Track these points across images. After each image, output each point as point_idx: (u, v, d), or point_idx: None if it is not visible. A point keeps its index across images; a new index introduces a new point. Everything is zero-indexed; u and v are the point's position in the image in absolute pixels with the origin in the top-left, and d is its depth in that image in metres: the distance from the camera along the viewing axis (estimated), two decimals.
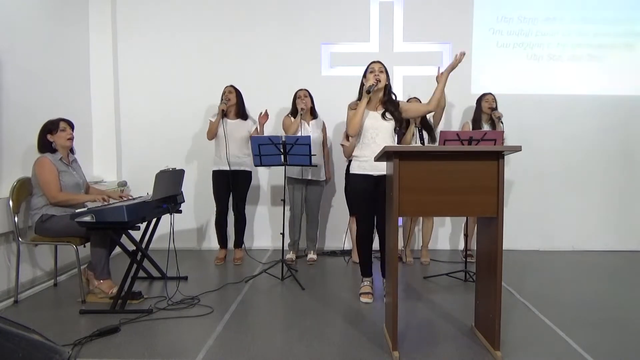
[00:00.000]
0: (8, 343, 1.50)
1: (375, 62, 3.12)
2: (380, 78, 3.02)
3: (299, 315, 2.90)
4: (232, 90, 4.09)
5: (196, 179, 4.74)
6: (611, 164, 4.73)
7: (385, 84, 3.08)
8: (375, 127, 3.08)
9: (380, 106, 3.13)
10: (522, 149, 2.28)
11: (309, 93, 4.17)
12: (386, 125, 3.09)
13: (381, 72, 3.07)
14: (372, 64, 3.12)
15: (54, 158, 3.14)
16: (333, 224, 4.77)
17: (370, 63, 3.13)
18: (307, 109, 4.09)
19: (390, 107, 3.11)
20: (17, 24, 3.46)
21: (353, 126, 3.05)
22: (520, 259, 4.31)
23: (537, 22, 4.69)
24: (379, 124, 3.08)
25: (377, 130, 3.08)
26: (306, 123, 4.13)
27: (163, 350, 2.38)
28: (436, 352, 2.36)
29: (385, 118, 3.09)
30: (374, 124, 3.09)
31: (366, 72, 3.12)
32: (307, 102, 4.10)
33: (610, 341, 2.51)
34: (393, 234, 2.36)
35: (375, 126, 3.08)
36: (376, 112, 3.12)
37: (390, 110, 3.10)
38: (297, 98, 4.10)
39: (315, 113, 4.24)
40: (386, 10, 4.69)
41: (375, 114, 3.11)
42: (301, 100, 4.04)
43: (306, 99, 4.09)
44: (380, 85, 3.04)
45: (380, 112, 3.11)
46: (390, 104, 3.12)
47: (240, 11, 4.68)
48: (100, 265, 3.11)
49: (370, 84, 2.98)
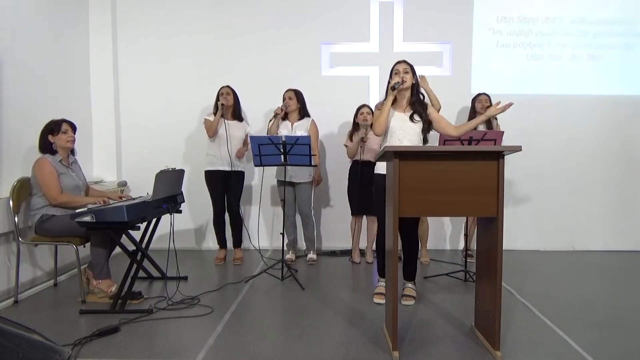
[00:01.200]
0: (8, 343, 1.50)
1: (400, 63, 3.03)
2: (405, 78, 2.95)
3: (299, 315, 2.90)
4: (229, 92, 4.07)
5: (196, 179, 4.72)
6: (611, 164, 4.73)
7: (412, 84, 3.00)
8: (402, 129, 2.99)
9: (408, 107, 3.04)
10: (522, 149, 2.27)
11: (296, 94, 4.07)
12: (413, 127, 3.00)
13: (406, 72, 2.98)
14: (396, 65, 3.03)
15: (53, 160, 3.14)
16: (333, 224, 4.76)
17: (395, 64, 3.04)
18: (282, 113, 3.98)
19: (418, 108, 3.01)
20: (17, 24, 3.46)
21: (378, 125, 2.96)
22: (520, 259, 4.31)
23: (537, 22, 4.69)
24: (406, 125, 2.99)
25: (404, 132, 2.99)
26: (290, 124, 4.09)
27: (163, 350, 2.38)
28: (436, 352, 2.36)
29: (413, 120, 3.00)
30: (401, 126, 3.00)
31: (391, 74, 3.03)
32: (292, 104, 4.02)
33: (610, 341, 2.51)
34: (393, 234, 2.36)
35: (402, 128, 2.99)
36: (404, 113, 3.03)
37: (418, 111, 3.01)
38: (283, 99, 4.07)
39: (305, 113, 4.14)
40: (386, 10, 4.69)
41: (402, 115, 3.02)
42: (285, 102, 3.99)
43: (291, 101, 4.03)
44: (405, 86, 2.96)
45: (409, 113, 3.02)
46: (419, 105, 3.03)
47: (240, 12, 4.68)
48: (99, 265, 3.11)
49: (396, 81, 2.90)
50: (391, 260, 2.42)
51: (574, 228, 4.73)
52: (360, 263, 4.21)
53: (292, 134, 3.99)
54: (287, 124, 4.09)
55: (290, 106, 4.04)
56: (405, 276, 3.22)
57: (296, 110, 4.10)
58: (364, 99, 4.45)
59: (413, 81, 3.02)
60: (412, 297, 3.12)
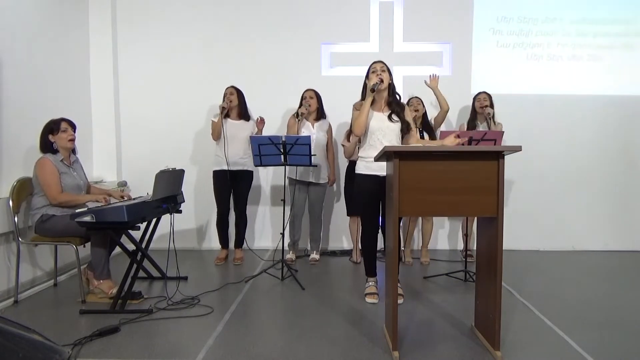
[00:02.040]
0: (8, 343, 1.50)
1: (377, 62, 3.08)
2: (383, 77, 2.98)
3: (299, 315, 2.90)
4: (233, 92, 4.07)
5: (196, 179, 4.74)
6: (611, 164, 4.73)
7: (389, 84, 3.04)
8: (381, 129, 3.03)
9: (386, 107, 3.08)
10: (522, 149, 2.28)
11: (316, 94, 4.13)
12: (392, 127, 3.04)
13: (383, 71, 3.03)
14: (373, 64, 3.08)
15: (54, 159, 3.14)
16: (334, 225, 4.77)
17: (372, 63, 3.09)
18: (308, 112, 4.05)
19: (396, 108, 3.06)
20: (17, 24, 3.46)
21: (358, 126, 3.00)
22: (520, 259, 4.31)
23: (537, 22, 4.69)
24: (385, 125, 3.04)
25: (383, 132, 3.03)
26: (310, 124, 4.12)
27: (163, 350, 2.38)
28: (436, 352, 2.36)
29: (391, 120, 3.04)
30: (380, 126, 3.03)
31: (368, 73, 3.07)
32: (313, 104, 4.07)
33: (610, 341, 2.51)
34: (393, 234, 2.36)
35: (381, 127, 3.03)
36: (382, 113, 3.07)
37: (396, 111, 3.06)
38: (302, 99, 4.09)
39: (323, 114, 4.20)
40: (386, 10, 4.69)
41: (381, 115, 3.06)
42: (306, 102, 4.03)
43: (312, 100, 4.07)
44: (383, 86, 3.00)
45: (387, 113, 3.06)
46: (396, 105, 3.07)
47: (240, 12, 4.68)
48: (100, 265, 3.11)
49: (374, 82, 2.93)
50: (391, 260, 2.42)
51: (574, 228, 4.73)
52: (361, 263, 4.21)
53: (313, 133, 4.04)
54: (307, 125, 4.10)
55: (312, 106, 4.06)
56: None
57: (315, 111, 4.12)
58: None
59: (390, 81, 3.06)
60: (401, 295, 3.13)
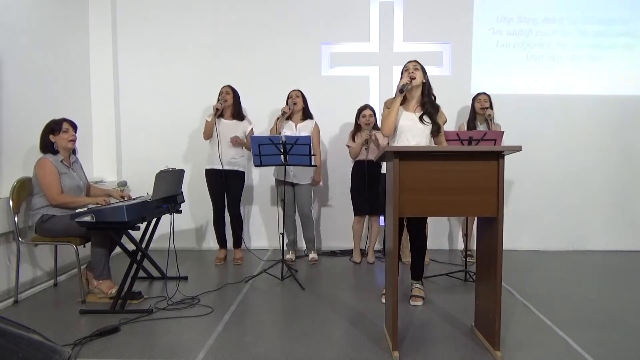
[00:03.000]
0: (8, 343, 1.50)
1: (411, 61, 2.98)
2: (414, 76, 2.89)
3: (299, 315, 2.90)
4: (229, 91, 4.07)
5: (196, 179, 4.73)
6: (611, 164, 4.73)
7: (422, 82, 2.95)
8: (411, 130, 2.94)
9: (419, 108, 2.99)
10: (522, 149, 2.28)
11: (302, 93, 4.12)
12: (422, 128, 2.94)
13: (416, 69, 2.93)
14: (407, 63, 2.97)
15: (55, 160, 3.14)
16: (334, 225, 4.76)
17: (407, 63, 2.98)
18: (292, 112, 4.03)
19: (430, 109, 2.95)
20: (17, 24, 3.46)
21: (386, 126, 2.92)
22: (520, 259, 4.31)
23: (537, 22, 4.69)
24: (415, 126, 2.94)
25: (412, 133, 2.94)
26: (293, 125, 4.09)
27: (163, 350, 2.38)
28: (436, 352, 2.36)
29: (423, 121, 2.94)
30: (410, 126, 2.94)
31: (402, 72, 2.98)
32: (299, 103, 4.06)
33: (610, 341, 2.51)
34: (393, 234, 2.36)
35: (411, 128, 2.94)
36: (414, 113, 2.98)
37: (429, 112, 2.94)
38: (288, 98, 4.08)
39: (309, 115, 4.17)
40: (386, 10, 4.69)
41: (411, 115, 2.97)
42: (291, 100, 4.02)
43: (297, 99, 4.06)
44: (415, 83, 2.91)
45: (419, 114, 2.96)
46: (430, 106, 2.96)
47: (240, 11, 4.68)
48: (100, 265, 3.11)
49: (404, 82, 2.86)
50: (391, 260, 2.42)
51: (574, 228, 4.73)
52: (361, 263, 4.21)
53: (295, 134, 4.00)
54: (290, 125, 4.09)
55: (297, 105, 4.05)
56: (412, 276, 3.19)
57: (301, 111, 4.11)
58: (364, 99, 4.45)
59: (423, 80, 2.97)
60: (421, 298, 3.08)
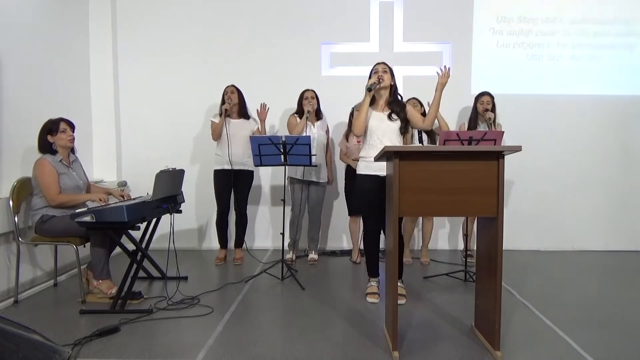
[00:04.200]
0: (8, 343, 1.50)
1: (379, 63, 3.12)
2: (382, 77, 3.02)
3: (299, 315, 2.90)
4: (234, 91, 4.09)
5: (196, 179, 4.74)
6: (611, 164, 4.73)
7: (390, 84, 3.08)
8: (381, 128, 3.07)
9: (387, 107, 3.13)
10: (522, 149, 2.28)
11: (316, 94, 4.16)
12: (392, 126, 3.08)
13: (384, 72, 3.06)
14: (376, 65, 3.11)
15: (53, 160, 3.13)
16: (334, 224, 4.77)
17: (375, 64, 3.12)
18: (313, 111, 4.09)
19: (395, 108, 3.10)
20: (17, 24, 3.46)
21: (357, 126, 3.05)
22: (520, 259, 4.31)
23: (537, 22, 4.69)
24: (385, 125, 3.07)
25: (383, 131, 3.06)
26: (312, 124, 4.13)
27: (163, 350, 2.38)
28: (436, 352, 2.36)
29: (391, 119, 3.08)
30: (380, 125, 3.07)
31: (370, 74, 3.10)
32: (314, 104, 4.09)
33: (610, 341, 2.51)
34: (393, 234, 2.36)
35: (381, 127, 3.07)
36: (382, 113, 3.11)
37: (395, 110, 3.09)
38: (304, 99, 4.10)
39: (320, 114, 4.23)
40: (386, 10, 4.69)
41: (381, 115, 3.10)
42: (308, 102, 4.04)
43: (313, 100, 4.09)
44: (383, 85, 3.03)
45: (387, 113, 3.10)
46: (396, 105, 3.11)
47: (240, 11, 4.68)
48: (99, 265, 3.11)
49: (372, 81, 2.97)
50: (391, 260, 2.42)
51: (574, 228, 4.73)
52: (361, 263, 4.21)
53: (315, 133, 4.09)
54: (309, 124, 4.11)
55: (314, 106, 4.09)
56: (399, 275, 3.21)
57: (314, 110, 4.15)
58: None
59: (391, 82, 3.10)
60: (403, 296, 3.12)
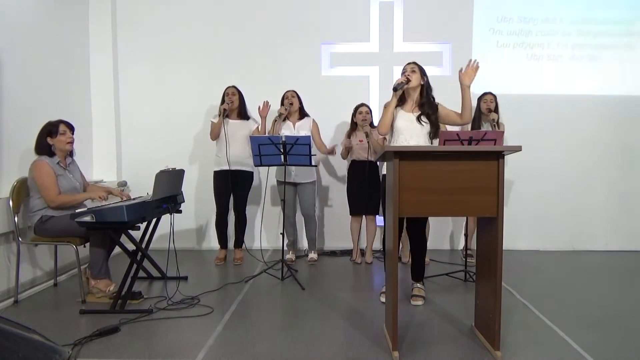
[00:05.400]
0: (8, 343, 1.50)
1: (409, 63, 3.01)
2: (410, 77, 2.92)
3: (299, 315, 2.90)
4: (235, 92, 4.08)
5: (196, 179, 4.74)
6: (611, 164, 4.73)
7: (419, 84, 2.97)
8: (409, 129, 2.97)
9: (417, 108, 3.01)
10: (522, 149, 2.28)
11: (297, 93, 4.12)
12: (420, 129, 2.97)
13: (413, 71, 2.96)
14: (405, 65, 3.02)
15: (51, 161, 3.12)
16: (334, 225, 4.76)
17: (405, 65, 3.02)
18: (289, 112, 4.04)
19: (427, 110, 2.98)
20: (17, 25, 3.46)
21: (382, 125, 2.98)
22: (520, 259, 4.31)
23: (537, 22, 4.69)
24: (413, 126, 2.97)
25: (410, 133, 2.96)
26: (291, 124, 4.09)
27: (163, 350, 2.38)
28: (436, 352, 2.36)
29: (420, 122, 2.97)
30: (407, 126, 2.97)
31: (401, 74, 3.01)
32: (295, 103, 4.06)
33: (610, 341, 2.51)
34: (393, 234, 2.36)
35: (409, 128, 2.97)
36: (411, 113, 3.01)
37: (427, 113, 2.97)
38: (284, 99, 4.08)
39: (304, 113, 4.18)
40: (386, 10, 4.69)
41: (409, 116, 3.00)
42: (288, 101, 4.02)
43: (293, 99, 4.05)
44: (412, 85, 2.94)
45: (416, 114, 2.99)
46: (428, 107, 2.99)
47: (240, 11, 4.68)
48: (97, 265, 3.11)
49: (400, 81, 2.89)
50: (391, 260, 2.42)
51: (574, 228, 4.73)
52: (361, 263, 4.21)
53: (294, 134, 4.00)
54: (289, 125, 4.09)
55: (293, 106, 4.06)
56: (413, 276, 3.20)
57: (297, 111, 4.12)
58: (364, 99, 4.44)
59: (421, 82, 2.99)
60: (422, 297, 3.10)
